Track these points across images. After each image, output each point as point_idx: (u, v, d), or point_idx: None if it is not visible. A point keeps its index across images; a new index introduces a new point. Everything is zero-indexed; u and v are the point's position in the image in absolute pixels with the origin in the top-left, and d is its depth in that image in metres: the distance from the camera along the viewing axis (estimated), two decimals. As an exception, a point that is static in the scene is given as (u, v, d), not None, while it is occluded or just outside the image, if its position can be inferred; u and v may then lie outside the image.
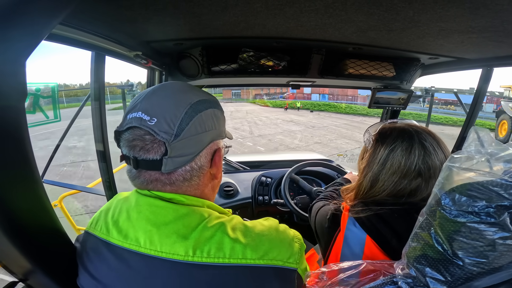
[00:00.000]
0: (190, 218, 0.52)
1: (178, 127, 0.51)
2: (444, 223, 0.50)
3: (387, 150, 0.77)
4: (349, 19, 0.82)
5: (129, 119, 0.52)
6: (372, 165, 0.80)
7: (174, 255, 0.49)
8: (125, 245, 0.52)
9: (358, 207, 0.78)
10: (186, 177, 0.55)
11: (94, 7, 0.67)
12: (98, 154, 1.32)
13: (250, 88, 34.33)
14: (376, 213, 0.74)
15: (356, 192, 0.85)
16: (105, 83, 1.20)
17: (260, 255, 0.51)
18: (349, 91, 36.32)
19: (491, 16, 0.72)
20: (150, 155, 0.51)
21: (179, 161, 0.53)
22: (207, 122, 0.56)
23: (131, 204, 0.55)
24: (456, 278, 0.50)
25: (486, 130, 0.55)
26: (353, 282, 0.60)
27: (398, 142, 0.76)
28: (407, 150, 0.74)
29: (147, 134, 0.51)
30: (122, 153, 0.55)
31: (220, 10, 0.76)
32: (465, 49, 1.12)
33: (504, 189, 0.44)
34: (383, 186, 0.77)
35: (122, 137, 0.54)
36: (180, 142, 0.51)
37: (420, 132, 0.77)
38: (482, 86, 1.44)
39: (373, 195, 0.80)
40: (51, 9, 0.42)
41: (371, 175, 0.80)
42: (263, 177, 1.89)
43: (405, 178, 0.74)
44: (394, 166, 0.75)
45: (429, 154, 0.73)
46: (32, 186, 0.50)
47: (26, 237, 0.49)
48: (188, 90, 0.57)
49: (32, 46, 0.42)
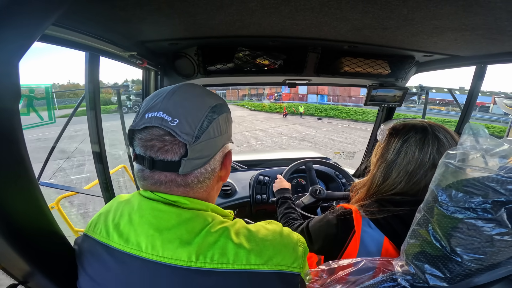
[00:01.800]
0: (194, 223, 0.52)
1: (199, 129, 0.51)
2: (441, 219, 0.50)
3: (400, 141, 0.77)
4: (344, 17, 0.82)
5: (148, 118, 0.51)
6: (386, 155, 0.80)
7: (177, 260, 0.48)
8: (126, 250, 0.51)
9: (373, 207, 0.76)
10: (200, 179, 0.55)
11: (87, 7, 0.67)
12: (95, 155, 1.31)
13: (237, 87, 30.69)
14: (394, 214, 0.72)
15: (369, 186, 0.83)
16: (99, 83, 1.19)
17: (264, 261, 0.51)
18: (352, 92, 33.62)
19: (484, 13, 0.73)
20: (169, 156, 0.51)
21: (196, 164, 0.53)
22: (222, 126, 0.57)
23: (133, 207, 0.54)
24: (455, 274, 0.50)
25: (481, 126, 0.55)
26: (352, 280, 0.61)
27: (411, 133, 0.77)
28: (421, 141, 0.74)
29: (167, 135, 0.51)
30: (135, 152, 0.54)
31: (215, 9, 0.76)
32: (459, 47, 1.13)
33: (500, 184, 0.45)
34: (397, 178, 0.76)
35: (137, 136, 0.53)
36: (199, 144, 0.51)
37: (433, 125, 0.78)
38: (476, 83, 1.46)
39: (387, 189, 0.78)
40: (43, 10, 0.42)
41: (385, 165, 0.79)
42: (261, 176, 1.89)
43: (420, 168, 0.74)
44: (409, 155, 0.75)
45: (443, 144, 0.73)
46: (28, 188, 0.49)
47: (24, 240, 0.48)
48: (206, 94, 0.58)
49: (25, 47, 0.41)
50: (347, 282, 0.60)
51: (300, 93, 37.39)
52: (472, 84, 1.48)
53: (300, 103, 31.23)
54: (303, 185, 1.91)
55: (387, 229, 0.72)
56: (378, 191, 0.80)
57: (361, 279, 0.60)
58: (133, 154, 0.55)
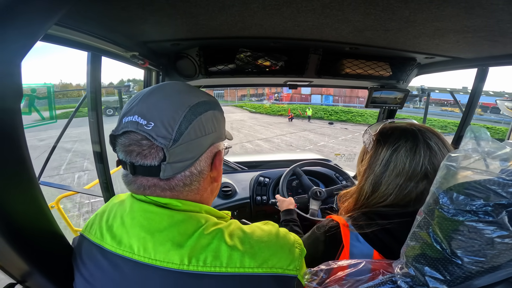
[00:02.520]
0: (186, 225, 0.51)
1: (177, 131, 0.48)
2: (442, 222, 0.50)
3: (389, 150, 0.73)
4: (346, 19, 0.82)
5: (125, 123, 0.49)
6: (373, 166, 0.75)
7: (169, 263, 0.48)
8: (119, 252, 0.50)
9: (360, 221, 0.72)
10: (186, 182, 0.53)
11: (90, 7, 0.67)
12: (95, 155, 1.31)
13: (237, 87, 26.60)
14: (383, 227, 0.68)
15: (357, 197, 0.79)
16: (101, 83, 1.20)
17: (258, 263, 0.49)
18: (359, 92, 28.99)
19: (486, 15, 0.73)
20: (148, 161, 0.49)
21: (179, 167, 0.51)
22: (207, 125, 0.54)
23: (126, 209, 0.54)
24: (455, 277, 0.50)
25: (483, 129, 0.55)
26: (352, 281, 0.60)
27: (401, 141, 0.72)
28: (412, 150, 0.70)
29: (144, 139, 0.49)
30: (118, 157, 0.53)
31: (217, 10, 0.76)
32: (461, 49, 1.13)
33: (502, 187, 0.44)
34: (386, 190, 0.72)
35: (118, 142, 0.51)
36: (179, 147, 0.49)
37: (424, 131, 0.73)
38: (478, 86, 1.46)
39: (376, 201, 0.74)
40: (46, 9, 0.42)
41: (373, 177, 0.75)
42: (261, 177, 1.89)
43: (411, 181, 0.69)
44: (398, 167, 0.71)
45: (435, 154, 0.69)
46: (29, 188, 0.49)
47: (23, 239, 0.48)
48: (187, 91, 0.54)
49: (27, 46, 0.41)
50: (346, 283, 0.60)
51: (303, 94, 34.09)
52: (474, 86, 1.48)
53: (306, 105, 28.36)
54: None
55: (376, 242, 0.68)
56: (366, 204, 0.76)
57: (360, 281, 0.59)
58: (117, 159, 0.54)
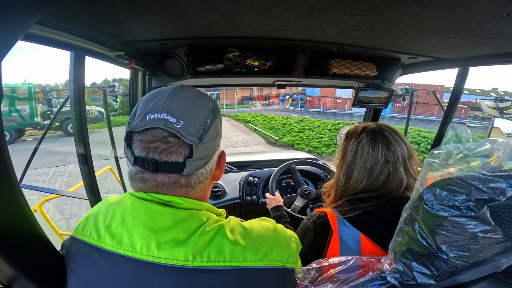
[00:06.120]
0: (190, 222, 0.52)
1: (202, 131, 0.53)
2: (427, 217, 0.51)
3: (355, 142, 0.88)
4: (334, 19, 0.83)
5: (150, 120, 0.51)
6: (345, 157, 0.90)
7: (174, 260, 0.49)
8: (119, 251, 0.50)
9: (345, 207, 0.82)
10: (201, 179, 0.57)
11: (74, 6, 0.65)
12: (79, 157, 1.27)
13: (236, 88, 22.55)
14: (365, 210, 0.78)
15: (336, 188, 0.92)
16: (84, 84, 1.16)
17: (260, 257, 0.52)
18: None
19: (468, 16, 0.75)
20: (173, 158, 0.52)
21: (198, 164, 0.55)
22: (219, 128, 0.60)
23: (126, 208, 0.54)
24: (441, 272, 0.52)
25: (464, 126, 0.57)
26: (343, 278, 0.61)
27: (363, 135, 0.88)
28: (372, 140, 0.86)
29: (171, 136, 0.51)
30: (133, 155, 0.53)
31: (206, 9, 0.75)
32: (443, 49, 1.17)
33: (483, 183, 0.46)
34: (358, 176, 0.85)
35: (136, 138, 0.53)
36: (202, 145, 0.53)
37: (380, 125, 0.90)
38: (459, 85, 1.51)
39: (352, 188, 0.86)
40: (27, 8, 0.40)
41: (346, 166, 0.89)
42: (250, 177, 1.89)
43: (376, 164, 0.83)
44: (364, 154, 0.85)
45: (390, 141, 0.85)
46: (10, 191, 0.47)
47: (7, 243, 0.47)
48: (204, 97, 0.59)
49: (7, 46, 0.40)
50: (337, 280, 0.61)
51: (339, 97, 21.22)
52: (455, 86, 1.53)
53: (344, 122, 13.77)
54: (292, 185, 1.92)
55: (361, 225, 0.77)
56: (344, 191, 0.88)
57: (351, 277, 0.61)
58: (132, 156, 0.53)
